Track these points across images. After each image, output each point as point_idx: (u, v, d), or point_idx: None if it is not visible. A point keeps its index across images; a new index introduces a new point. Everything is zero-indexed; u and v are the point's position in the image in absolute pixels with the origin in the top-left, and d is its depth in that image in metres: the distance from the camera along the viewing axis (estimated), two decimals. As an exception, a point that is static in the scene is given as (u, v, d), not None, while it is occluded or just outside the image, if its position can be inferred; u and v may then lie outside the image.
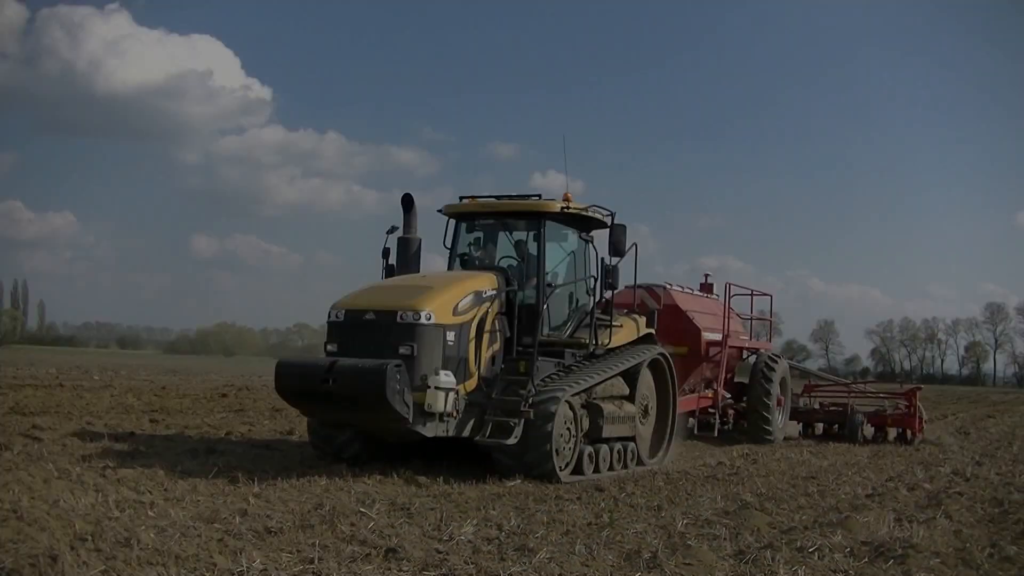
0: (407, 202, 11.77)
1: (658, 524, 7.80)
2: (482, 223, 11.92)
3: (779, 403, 17.90)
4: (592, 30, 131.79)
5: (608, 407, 11.30)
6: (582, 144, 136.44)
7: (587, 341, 11.53)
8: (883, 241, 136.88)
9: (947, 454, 15.75)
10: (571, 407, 10.62)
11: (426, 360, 9.63)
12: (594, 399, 11.23)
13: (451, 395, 9.57)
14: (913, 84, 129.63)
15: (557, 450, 10.23)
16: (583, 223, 11.92)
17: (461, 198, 11.95)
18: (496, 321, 10.64)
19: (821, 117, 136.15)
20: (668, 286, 16.40)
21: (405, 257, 11.67)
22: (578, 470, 10.76)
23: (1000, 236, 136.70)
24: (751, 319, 19.67)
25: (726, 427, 18.42)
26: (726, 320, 17.12)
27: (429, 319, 9.69)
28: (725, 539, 7.16)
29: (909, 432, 17.99)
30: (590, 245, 12.15)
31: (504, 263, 11.58)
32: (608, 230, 11.51)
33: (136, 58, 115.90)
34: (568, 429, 10.54)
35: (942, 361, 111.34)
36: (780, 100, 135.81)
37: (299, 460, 10.81)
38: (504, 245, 11.81)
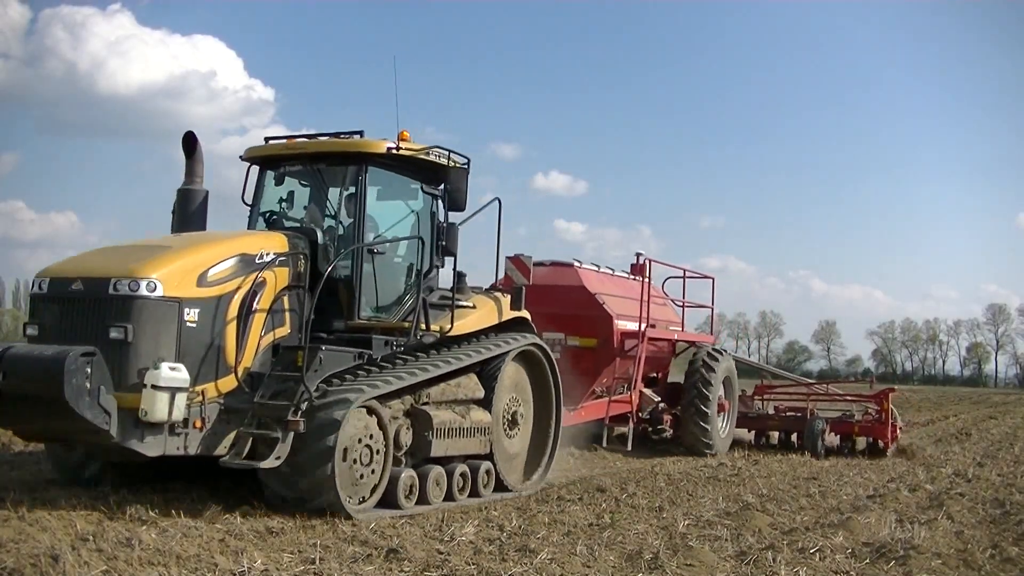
0: (189, 143, 8.74)
1: (659, 525, 7.80)
2: (291, 170, 9.10)
3: (722, 408, 15.01)
4: (594, 30, 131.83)
5: (443, 415, 8.51)
6: (584, 144, 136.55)
7: (412, 326, 8.65)
8: (885, 242, 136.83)
9: (929, 465, 13.94)
10: (376, 415, 7.82)
11: (147, 347, 7.02)
12: (423, 405, 8.49)
13: (179, 397, 6.93)
14: (914, 84, 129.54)
15: (349, 475, 7.53)
16: (428, 173, 9.03)
17: (267, 139, 9.30)
18: (286, 298, 7.96)
19: (823, 118, 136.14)
20: (577, 263, 13.95)
21: (185, 214, 8.74)
22: (390, 502, 7.91)
23: (1002, 237, 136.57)
24: (681, 304, 16.65)
25: (664, 435, 15.31)
26: (643, 305, 14.02)
27: (154, 290, 7.08)
28: (726, 540, 7.16)
29: (880, 442, 15.13)
30: (440, 202, 9.19)
31: (322, 224, 8.76)
32: (462, 181, 8.77)
33: (139, 58, 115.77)
34: (369, 446, 7.68)
35: (944, 362, 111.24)
36: (782, 100, 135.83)
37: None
38: (324, 200, 9.05)
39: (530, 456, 10.19)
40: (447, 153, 8.94)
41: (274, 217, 9.05)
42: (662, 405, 15.32)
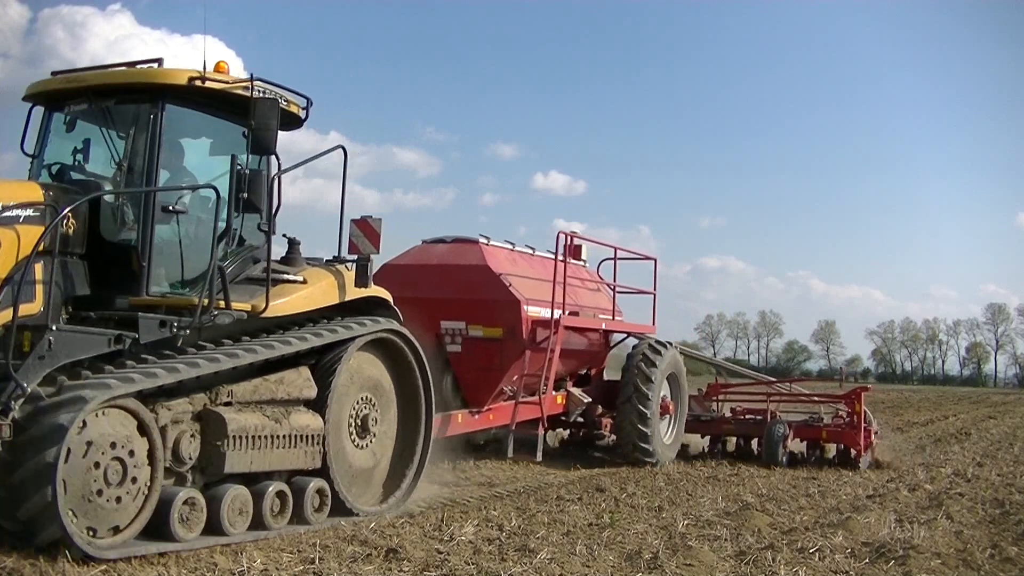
0: None
1: (659, 525, 7.81)
2: (77, 110, 7.14)
3: (666, 409, 12.88)
4: (594, 30, 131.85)
5: (245, 419, 6.59)
6: (583, 144, 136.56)
7: (201, 303, 6.56)
8: (884, 242, 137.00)
9: (928, 465, 13.45)
10: (138, 419, 5.88)
11: None
12: (221, 406, 6.57)
13: None
14: (914, 84, 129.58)
15: (88, 499, 5.53)
16: (239, 109, 7.01)
17: (54, 73, 7.36)
18: (39, 266, 5.98)
19: (822, 117, 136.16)
20: (483, 240, 11.62)
21: None
22: (162, 532, 5.95)
23: (1001, 237, 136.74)
24: (610, 288, 13.95)
25: (607, 442, 13.62)
26: (557, 288, 11.46)
27: None
28: (726, 540, 7.16)
29: (852, 450, 13.07)
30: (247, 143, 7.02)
31: (110, 175, 7.01)
32: (271, 117, 6.74)
33: (138, 58, 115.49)
34: (122, 460, 5.70)
35: (943, 362, 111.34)
36: (781, 100, 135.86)
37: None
38: (113, 146, 7.01)
39: (393, 471, 8.20)
40: (265, 86, 7.11)
41: (62, 170, 7.14)
42: (599, 408, 13.20)
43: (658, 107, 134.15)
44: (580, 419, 13.09)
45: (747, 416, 14.13)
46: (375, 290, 8.15)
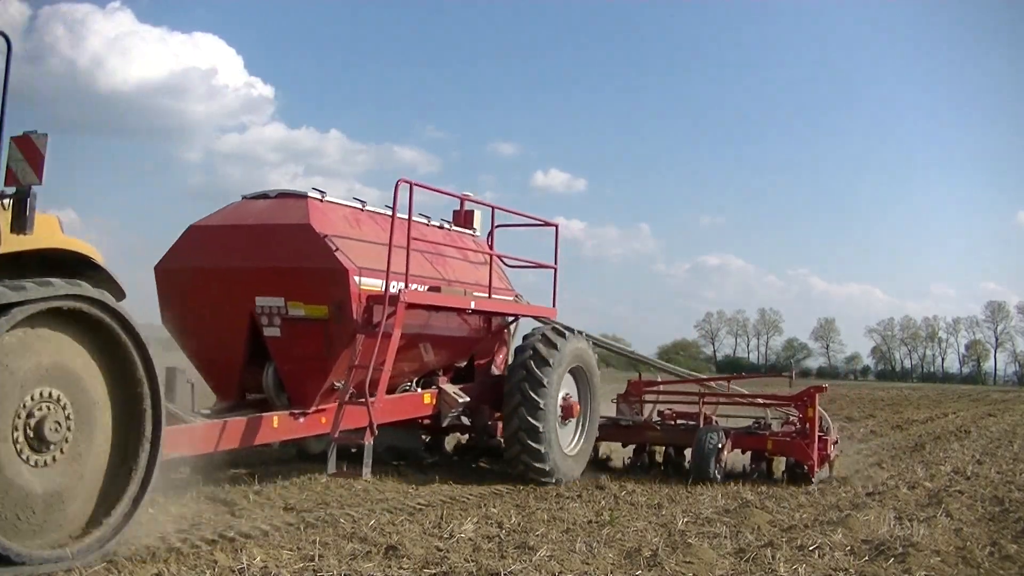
0: None
1: (659, 522, 7.81)
2: None
3: (570, 412, 10.39)
4: (594, 29, 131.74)
5: None
6: (583, 142, 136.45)
7: None
8: (884, 240, 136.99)
9: (928, 463, 12.81)
10: None
11: None
12: None
13: None
14: (914, 82, 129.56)
15: None
16: None
17: None
18: None
19: (822, 116, 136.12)
20: (315, 194, 8.79)
21: None
22: None
23: (1001, 235, 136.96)
24: (478, 258, 10.81)
25: (496, 448, 10.75)
26: (393, 252, 8.41)
27: None
28: (726, 537, 7.16)
29: (804, 464, 10.68)
30: None
31: None
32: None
33: (138, 56, 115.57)
34: None
35: (943, 360, 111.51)
36: (781, 99, 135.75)
37: (299, 457, 10.80)
38: None
39: (104, 496, 5.68)
40: None
41: None
42: (489, 409, 10.55)
43: (658, 106, 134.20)
44: (466, 423, 10.54)
45: (678, 421, 11.82)
46: (67, 241, 5.71)
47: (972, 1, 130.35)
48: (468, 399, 10.13)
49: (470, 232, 11.01)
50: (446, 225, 10.53)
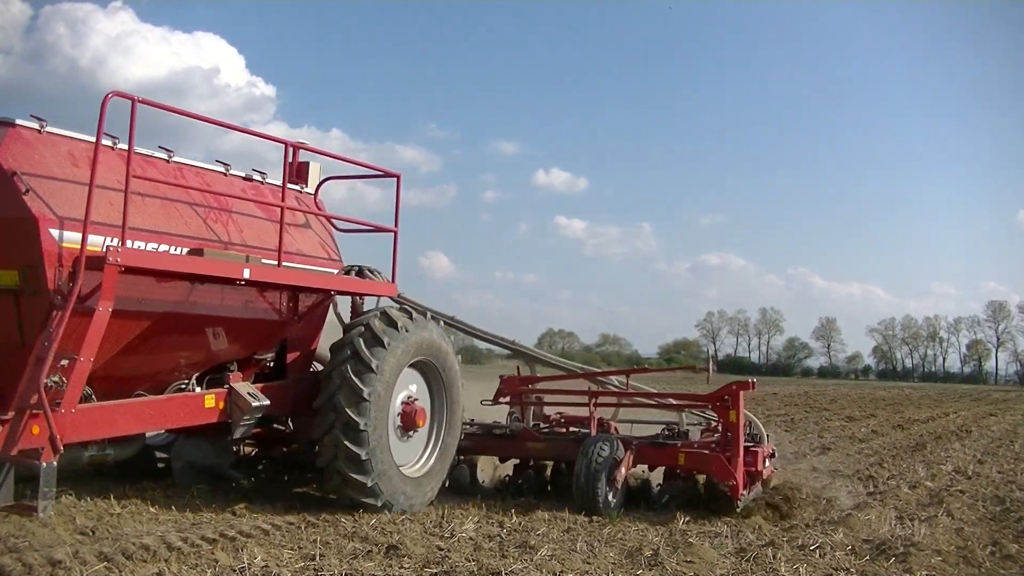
0: None
1: (659, 522, 7.80)
2: None
3: (412, 421, 8.02)
4: (595, 28, 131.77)
5: None
6: (585, 141, 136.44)
7: None
8: (885, 239, 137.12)
9: (929, 463, 12.67)
10: None
11: None
12: None
13: None
14: (914, 81, 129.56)
15: None
16: None
17: None
18: None
19: (823, 115, 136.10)
20: (31, 124, 6.46)
21: None
22: None
23: (1002, 234, 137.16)
24: (295, 219, 8.30)
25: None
26: (92, 193, 6.10)
27: None
28: (727, 537, 7.16)
29: (725, 485, 8.13)
30: None
31: None
32: None
33: (140, 56, 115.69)
34: None
35: (944, 359, 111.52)
36: (782, 98, 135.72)
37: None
38: None
39: None
40: None
41: None
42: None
43: (659, 105, 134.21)
44: (281, 430, 8.41)
45: (570, 429, 9.46)
46: None
47: (972, 1, 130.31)
48: (267, 402, 7.49)
49: (297, 188, 8.45)
50: (256, 177, 8.07)
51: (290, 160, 8.16)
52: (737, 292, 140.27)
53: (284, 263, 7.65)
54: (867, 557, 6.56)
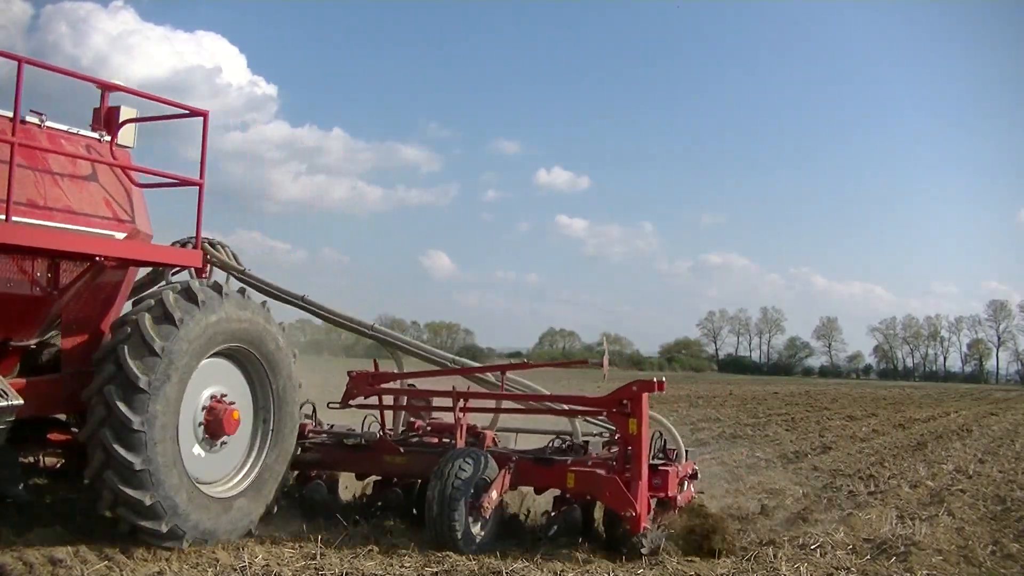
0: None
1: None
2: None
3: (224, 421, 6.33)
4: (596, 27, 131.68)
5: None
6: (586, 140, 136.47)
7: None
8: (886, 238, 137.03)
9: (930, 462, 13.78)
10: None
11: None
12: None
13: None
14: (915, 81, 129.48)
15: None
16: None
17: None
18: None
19: (824, 114, 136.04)
20: None
21: None
22: None
23: (1003, 234, 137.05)
24: (82, 169, 6.48)
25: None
26: None
27: None
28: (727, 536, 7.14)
29: (623, 515, 6.32)
30: None
31: None
32: None
33: (142, 54, 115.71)
34: None
35: (945, 359, 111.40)
36: (783, 97, 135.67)
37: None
38: None
39: None
40: None
41: None
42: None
43: (661, 104, 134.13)
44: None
45: (443, 439, 7.53)
46: None
47: (973, 1, 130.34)
48: (18, 401, 5.64)
49: (96, 136, 6.74)
50: (32, 119, 6.26)
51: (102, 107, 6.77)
52: (738, 291, 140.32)
53: (35, 221, 5.90)
54: (868, 556, 6.56)
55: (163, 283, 7.00)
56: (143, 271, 7.47)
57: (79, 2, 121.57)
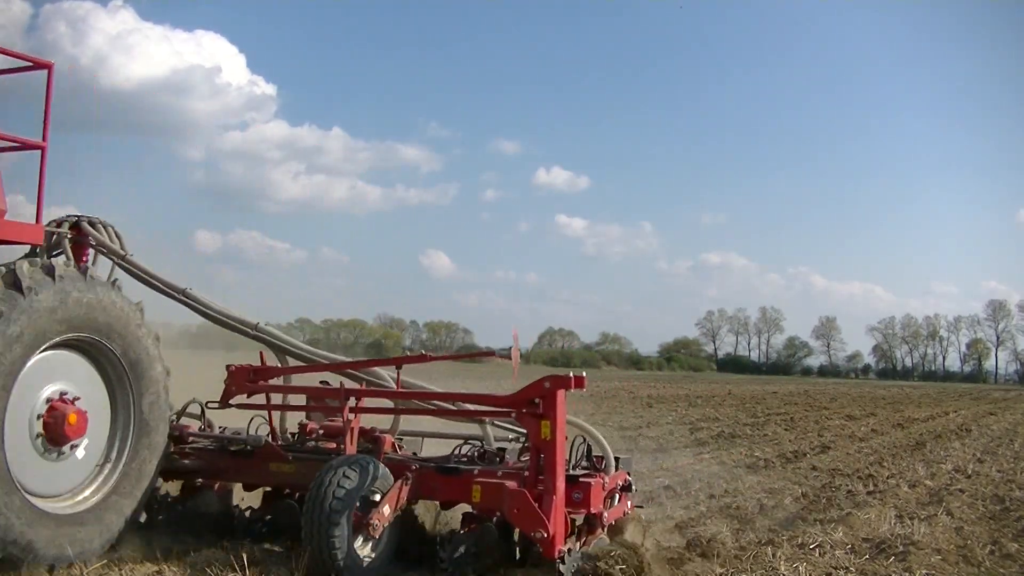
0: None
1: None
2: None
3: (67, 424, 5.41)
4: (596, 27, 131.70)
5: None
6: (586, 140, 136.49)
7: None
8: (886, 238, 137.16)
9: (929, 462, 14.37)
10: None
11: None
12: None
13: None
14: (915, 81, 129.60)
15: None
16: None
17: None
18: None
19: (824, 114, 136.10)
20: None
21: None
22: None
23: (1002, 233, 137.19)
24: None
25: None
26: None
27: None
28: (726, 535, 7.16)
29: (535, 539, 5.39)
30: None
31: None
32: None
33: (141, 54, 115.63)
34: None
35: (944, 358, 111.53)
36: (783, 97, 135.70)
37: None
38: None
39: None
40: None
41: None
42: None
43: (661, 104, 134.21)
44: None
45: (339, 444, 6.43)
46: None
47: (973, 1, 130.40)
48: None
49: None
50: None
51: None
52: (737, 291, 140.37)
53: None
54: (867, 556, 6.57)
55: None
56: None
57: (78, 1, 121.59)
